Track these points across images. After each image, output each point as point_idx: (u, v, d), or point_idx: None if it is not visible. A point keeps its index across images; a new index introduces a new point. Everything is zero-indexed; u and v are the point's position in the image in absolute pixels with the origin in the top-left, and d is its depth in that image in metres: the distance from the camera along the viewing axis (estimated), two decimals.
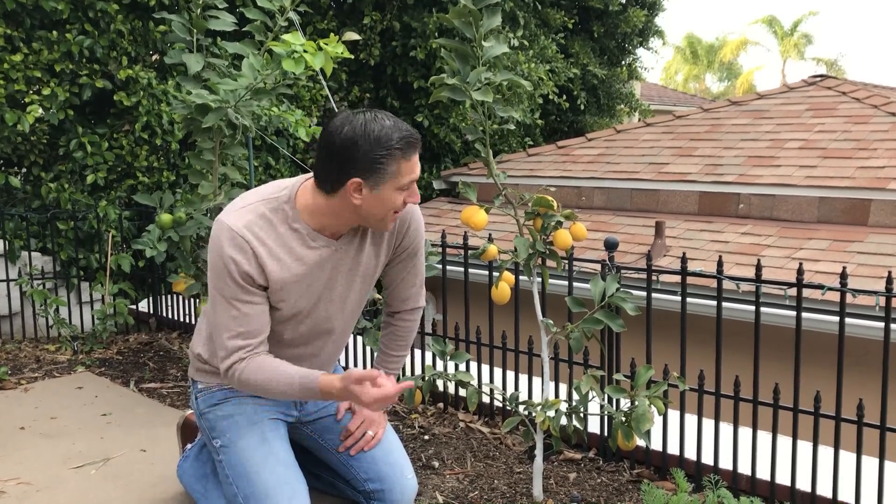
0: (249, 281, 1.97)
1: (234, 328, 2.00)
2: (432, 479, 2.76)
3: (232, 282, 1.97)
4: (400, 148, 1.92)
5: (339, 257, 2.10)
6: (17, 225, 5.07)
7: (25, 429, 3.15)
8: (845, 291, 2.45)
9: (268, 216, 2.00)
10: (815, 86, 8.26)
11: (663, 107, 15.28)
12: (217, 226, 1.99)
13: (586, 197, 7.19)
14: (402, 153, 1.93)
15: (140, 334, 4.80)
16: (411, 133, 1.96)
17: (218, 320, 2.02)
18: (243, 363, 2.01)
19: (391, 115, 1.98)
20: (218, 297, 2.00)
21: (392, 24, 7.19)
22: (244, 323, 2.00)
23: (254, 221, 1.98)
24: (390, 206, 1.97)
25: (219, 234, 1.97)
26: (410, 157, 1.95)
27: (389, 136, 1.92)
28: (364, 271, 2.17)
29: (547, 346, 2.59)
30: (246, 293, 1.98)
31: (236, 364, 2.01)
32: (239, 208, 2.00)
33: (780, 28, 31.78)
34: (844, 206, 5.80)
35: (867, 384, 2.93)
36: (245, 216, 1.98)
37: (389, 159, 1.92)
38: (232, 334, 2.01)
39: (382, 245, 2.18)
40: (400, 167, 1.94)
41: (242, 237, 1.95)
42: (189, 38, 3.48)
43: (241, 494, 2.07)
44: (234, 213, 1.99)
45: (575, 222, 2.53)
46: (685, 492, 2.24)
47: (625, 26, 9.86)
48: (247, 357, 2.02)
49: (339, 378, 1.97)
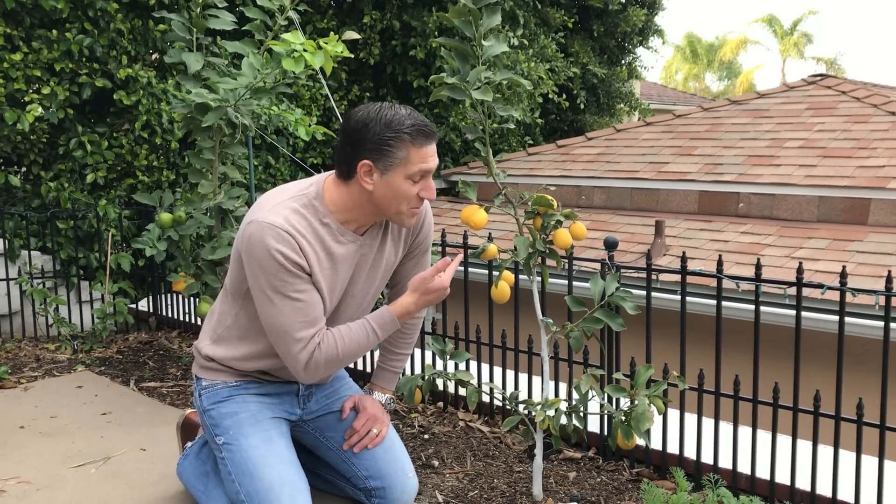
0: (301, 269, 1.98)
1: (301, 319, 2.00)
2: (432, 478, 2.77)
3: (287, 274, 1.96)
4: (409, 133, 1.94)
5: (364, 253, 2.12)
6: (16, 224, 5.07)
7: (25, 428, 3.15)
8: (845, 291, 2.45)
9: (301, 212, 2.00)
10: (814, 85, 8.26)
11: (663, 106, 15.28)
12: (254, 227, 1.96)
13: (586, 196, 7.19)
14: (412, 139, 1.94)
15: (140, 333, 4.80)
16: (426, 123, 1.97)
17: (279, 321, 2.00)
18: (321, 347, 2.03)
19: (413, 109, 2.00)
20: (275, 297, 1.98)
21: (392, 23, 7.19)
22: (308, 311, 2.01)
23: (290, 216, 1.98)
24: (402, 195, 1.98)
25: (260, 234, 1.95)
26: (421, 146, 1.96)
27: (401, 122, 1.94)
28: (385, 267, 2.21)
29: (547, 346, 2.59)
30: (302, 282, 1.99)
31: (315, 351, 2.02)
32: (272, 207, 2.00)
33: (779, 27, 31.78)
34: (844, 205, 5.80)
35: (867, 383, 2.93)
36: (281, 212, 1.98)
37: (398, 143, 1.94)
38: (300, 326, 2.00)
39: (400, 241, 2.22)
40: (409, 154, 1.95)
41: (286, 231, 1.95)
42: (189, 37, 3.48)
43: (244, 492, 2.07)
44: (270, 212, 1.98)
45: (575, 221, 2.53)
46: (685, 491, 2.24)
47: (625, 25, 9.85)
48: (320, 340, 2.03)
49: (409, 293, 2.10)
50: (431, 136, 1.99)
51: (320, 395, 2.36)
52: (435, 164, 2.01)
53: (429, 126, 1.98)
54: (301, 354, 2.02)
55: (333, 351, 2.04)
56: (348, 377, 2.50)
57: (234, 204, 3.45)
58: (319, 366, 2.04)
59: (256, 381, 2.26)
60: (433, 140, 1.99)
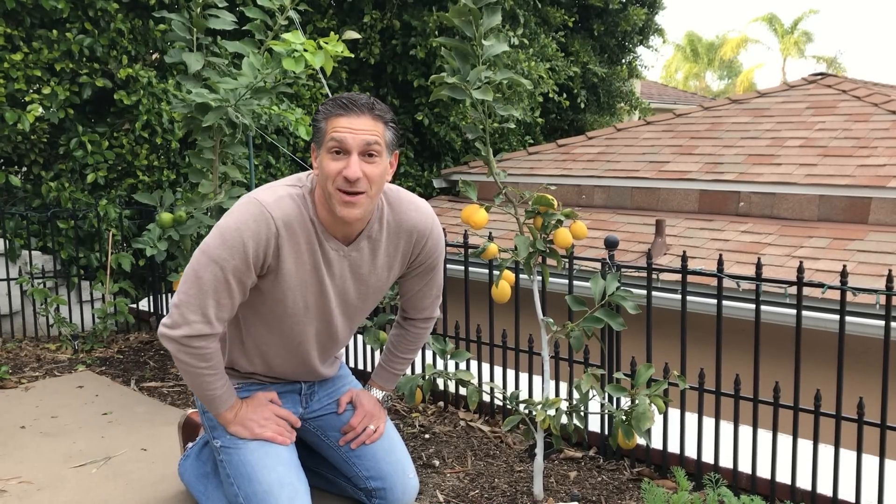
0: (259, 262, 1.93)
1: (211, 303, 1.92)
2: (433, 477, 2.77)
3: (241, 257, 1.90)
4: (330, 106, 1.92)
5: (349, 265, 2.07)
6: (17, 224, 5.07)
7: (26, 428, 3.15)
8: (845, 290, 2.45)
9: (295, 199, 1.99)
10: (815, 84, 8.26)
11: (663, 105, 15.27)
12: (248, 200, 1.94)
13: (586, 195, 7.18)
14: (329, 109, 1.93)
15: (140, 333, 4.80)
16: (350, 96, 1.93)
17: (198, 287, 1.92)
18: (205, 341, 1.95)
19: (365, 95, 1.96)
20: (211, 265, 1.91)
21: (392, 22, 7.19)
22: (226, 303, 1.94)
23: (284, 199, 1.95)
24: (325, 174, 1.91)
25: (248, 208, 1.92)
26: (337, 116, 1.91)
27: (331, 99, 1.94)
28: (375, 283, 2.15)
29: (547, 345, 2.59)
30: (248, 274, 1.93)
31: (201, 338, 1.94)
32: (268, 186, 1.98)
33: (780, 26, 31.78)
34: (845, 204, 5.80)
35: (867, 382, 2.94)
36: (277, 191, 1.97)
37: (321, 116, 1.94)
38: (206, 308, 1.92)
39: (397, 257, 2.15)
40: (328, 125, 1.92)
41: (274, 220, 1.92)
42: (189, 36, 3.48)
43: (242, 494, 2.07)
44: (269, 191, 1.96)
45: (575, 221, 2.53)
46: (686, 490, 2.24)
47: (625, 24, 9.85)
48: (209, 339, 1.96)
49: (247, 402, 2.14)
50: (348, 108, 1.90)
51: (322, 395, 2.36)
52: (349, 136, 1.88)
53: (350, 98, 1.91)
54: (183, 327, 1.93)
55: (185, 359, 1.97)
56: (351, 376, 2.49)
57: (233, 204, 3.45)
58: (183, 348, 1.96)
59: (258, 382, 2.26)
60: (352, 112, 1.90)
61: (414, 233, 2.13)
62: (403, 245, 2.14)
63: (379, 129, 1.93)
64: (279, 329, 2.12)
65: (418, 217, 2.13)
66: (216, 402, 2.08)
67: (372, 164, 1.91)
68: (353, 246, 2.06)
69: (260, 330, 2.14)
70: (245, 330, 2.16)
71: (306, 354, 2.20)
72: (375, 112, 1.93)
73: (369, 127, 1.91)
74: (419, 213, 2.13)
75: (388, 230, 2.10)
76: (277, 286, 2.01)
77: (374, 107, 1.93)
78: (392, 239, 2.11)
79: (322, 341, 2.20)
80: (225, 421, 2.11)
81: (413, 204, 2.14)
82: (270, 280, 2.00)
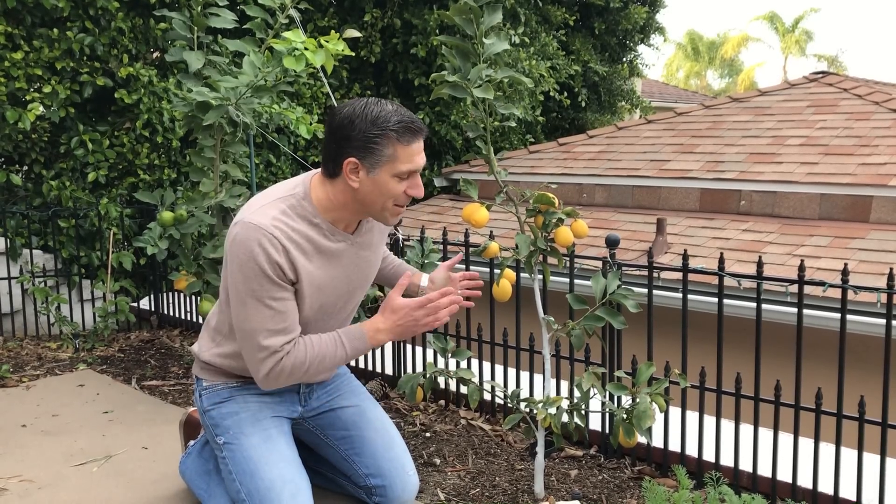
0: (282, 276, 1.94)
1: (272, 326, 1.95)
2: (434, 476, 2.77)
3: (266, 280, 1.92)
4: (395, 130, 1.90)
5: (356, 251, 2.12)
6: (18, 223, 5.07)
7: (27, 426, 3.16)
8: (846, 288, 2.45)
9: (289, 213, 1.98)
10: (816, 82, 8.25)
11: (664, 104, 15.27)
12: (240, 227, 1.93)
13: (587, 194, 7.18)
14: (399, 136, 1.91)
15: (141, 332, 4.80)
16: (413, 119, 1.93)
17: (249, 325, 1.96)
18: (288, 356, 1.97)
19: (399, 104, 1.97)
20: (249, 300, 1.94)
21: (393, 21, 7.18)
22: (282, 320, 1.96)
23: (278, 218, 1.95)
24: (388, 194, 1.94)
25: (245, 235, 1.92)
26: (409, 143, 1.92)
27: (387, 118, 1.91)
28: (374, 261, 2.22)
29: (548, 344, 2.59)
30: (280, 290, 1.94)
31: (283, 360, 1.97)
32: (258, 208, 1.97)
33: (781, 24, 31.77)
34: (846, 202, 5.80)
35: (868, 381, 2.93)
36: (268, 212, 1.95)
37: (384, 140, 1.90)
38: (269, 333, 1.95)
39: (384, 234, 2.24)
40: (396, 151, 1.91)
41: (272, 234, 1.92)
42: (190, 35, 3.47)
43: (244, 491, 2.07)
44: (257, 213, 1.95)
45: (576, 219, 2.53)
46: (687, 489, 2.24)
47: (626, 23, 9.85)
48: (290, 350, 1.98)
49: (379, 312, 2.04)
50: (418, 133, 1.94)
51: (321, 392, 2.36)
52: (422, 161, 1.98)
53: (416, 122, 1.94)
54: (264, 363, 1.97)
55: (301, 360, 1.98)
56: (349, 373, 2.49)
57: (235, 202, 3.45)
58: (282, 375, 1.99)
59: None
60: (420, 137, 1.95)
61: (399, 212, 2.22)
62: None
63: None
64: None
65: None
66: (352, 348, 2.04)
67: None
68: (356, 232, 2.12)
69: None
70: None
71: None
72: (424, 133, 2.00)
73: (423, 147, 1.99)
74: None
75: None
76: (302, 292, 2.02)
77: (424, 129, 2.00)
78: None
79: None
80: (380, 338, 2.05)
81: None
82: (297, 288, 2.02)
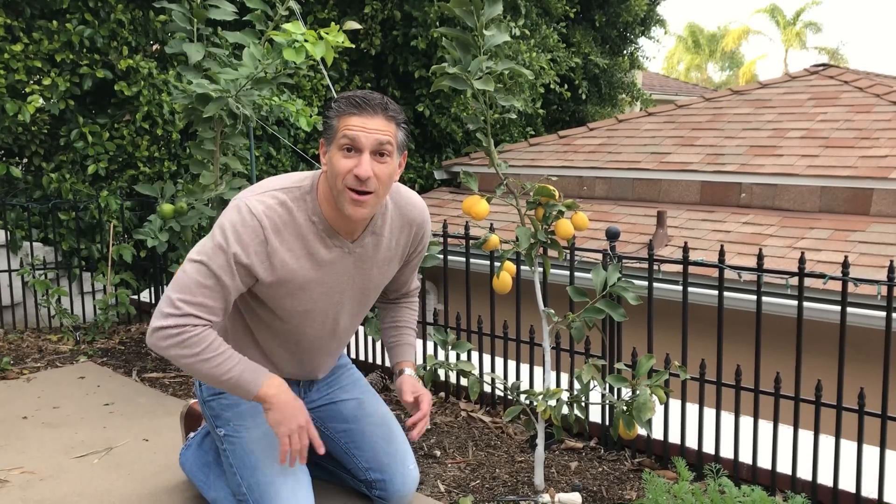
0: (241, 268, 1.91)
1: (198, 298, 1.89)
2: (434, 468, 2.77)
3: (224, 257, 1.89)
4: (341, 101, 1.90)
5: (353, 261, 2.06)
6: (18, 215, 5.07)
7: (28, 418, 3.16)
8: (847, 281, 2.45)
9: (289, 205, 1.96)
10: (817, 75, 8.23)
11: (665, 96, 15.23)
12: (235, 203, 1.93)
13: (588, 186, 7.18)
14: (342, 107, 1.90)
15: (142, 324, 4.81)
16: (363, 94, 1.91)
17: (182, 280, 1.91)
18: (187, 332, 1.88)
19: (377, 93, 1.95)
20: (199, 263, 1.90)
21: (393, 13, 7.16)
22: (210, 298, 1.90)
23: (273, 207, 1.93)
24: (335, 171, 1.89)
25: (234, 211, 1.91)
26: (350, 115, 1.88)
27: (344, 97, 1.91)
28: (378, 277, 2.15)
29: (548, 336, 2.59)
30: (228, 275, 1.90)
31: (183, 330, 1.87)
32: (261, 192, 1.96)
33: (782, 17, 31.67)
34: (846, 195, 5.79)
35: (868, 373, 2.94)
36: (266, 200, 1.94)
37: (333, 113, 1.91)
38: (190, 301, 1.88)
39: (398, 252, 2.16)
40: (339, 122, 1.90)
41: (259, 222, 1.91)
42: (189, 27, 3.47)
43: (245, 484, 2.08)
44: (256, 196, 1.94)
45: (576, 212, 2.52)
46: (686, 480, 2.24)
47: (626, 15, 9.82)
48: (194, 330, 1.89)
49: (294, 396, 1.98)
50: (362, 107, 1.88)
51: (322, 385, 2.36)
52: (362, 135, 1.86)
53: (364, 97, 1.89)
54: (166, 318, 1.88)
55: (194, 346, 1.88)
56: (351, 365, 2.49)
57: (235, 195, 3.44)
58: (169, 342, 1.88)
59: None
60: (365, 112, 1.88)
61: (413, 226, 2.15)
62: (404, 239, 2.15)
63: (391, 129, 1.91)
64: (284, 333, 2.11)
65: (416, 211, 2.16)
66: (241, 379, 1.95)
67: (382, 164, 1.90)
68: (357, 242, 2.05)
69: (265, 335, 2.13)
70: (249, 335, 2.16)
71: (312, 355, 2.20)
72: (389, 112, 1.91)
73: (382, 127, 1.89)
74: (416, 208, 2.16)
75: (392, 225, 2.10)
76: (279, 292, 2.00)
77: (388, 107, 1.92)
78: (394, 233, 2.12)
79: (326, 341, 2.19)
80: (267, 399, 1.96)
81: (411, 199, 2.16)
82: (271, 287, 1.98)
